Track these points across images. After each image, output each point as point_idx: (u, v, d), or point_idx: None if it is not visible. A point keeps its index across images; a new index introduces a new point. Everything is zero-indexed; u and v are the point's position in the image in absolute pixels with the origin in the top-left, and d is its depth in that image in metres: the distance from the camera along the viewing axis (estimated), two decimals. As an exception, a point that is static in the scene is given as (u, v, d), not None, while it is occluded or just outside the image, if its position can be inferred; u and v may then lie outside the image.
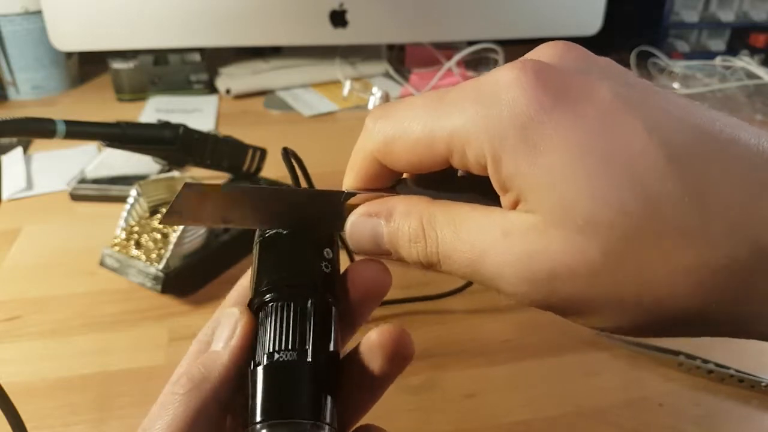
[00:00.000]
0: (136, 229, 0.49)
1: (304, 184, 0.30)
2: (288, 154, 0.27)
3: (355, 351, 0.23)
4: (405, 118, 0.19)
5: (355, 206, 0.22)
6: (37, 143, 0.72)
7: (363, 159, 0.21)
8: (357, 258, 0.23)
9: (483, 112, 0.17)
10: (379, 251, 0.21)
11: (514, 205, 0.18)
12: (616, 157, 0.16)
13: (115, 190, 0.60)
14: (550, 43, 0.20)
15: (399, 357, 0.22)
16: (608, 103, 0.16)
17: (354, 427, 0.23)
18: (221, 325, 0.22)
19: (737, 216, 0.15)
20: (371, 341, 0.22)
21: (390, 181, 0.22)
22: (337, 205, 0.22)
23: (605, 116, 0.16)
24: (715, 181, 0.15)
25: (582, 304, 0.17)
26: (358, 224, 0.21)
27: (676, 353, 0.40)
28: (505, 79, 0.17)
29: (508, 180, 0.17)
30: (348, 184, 0.22)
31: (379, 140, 0.20)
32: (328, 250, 0.23)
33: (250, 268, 0.24)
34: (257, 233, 0.24)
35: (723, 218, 0.15)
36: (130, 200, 0.49)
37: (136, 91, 0.87)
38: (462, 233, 0.18)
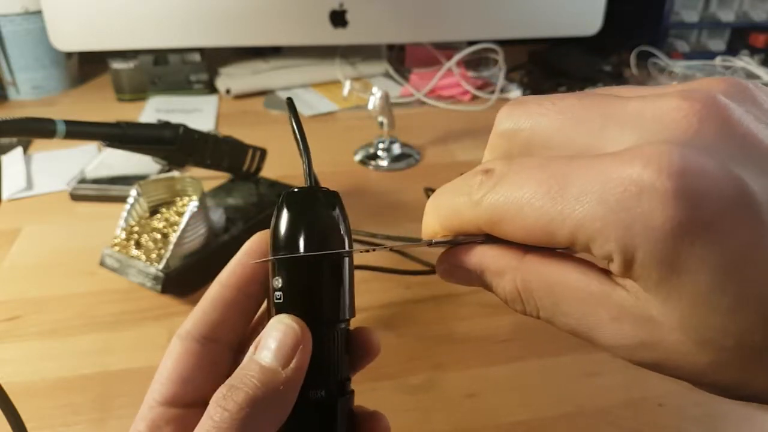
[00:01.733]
0: (136, 229, 0.49)
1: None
2: (292, 104, 0.25)
3: None
4: (520, 195, 0.17)
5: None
6: (37, 143, 0.72)
7: (460, 223, 0.19)
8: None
9: (612, 217, 0.15)
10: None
11: (624, 275, 0.16)
12: (751, 288, 0.15)
13: (115, 190, 0.60)
14: (713, 84, 0.18)
15: (367, 354, 0.24)
16: (748, 237, 0.15)
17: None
18: (273, 336, 0.20)
19: None
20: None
21: None
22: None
23: (745, 248, 0.15)
24: None
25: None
26: (448, 272, 0.21)
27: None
28: (636, 176, 0.15)
29: (635, 275, 0.16)
30: (430, 232, 0.21)
31: (487, 216, 0.18)
32: (276, 279, 0.21)
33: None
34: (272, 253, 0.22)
35: None
36: (130, 200, 0.49)
37: (136, 91, 0.87)
38: (563, 306, 0.18)
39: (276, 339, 0.20)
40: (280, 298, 0.21)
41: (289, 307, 0.21)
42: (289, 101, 0.24)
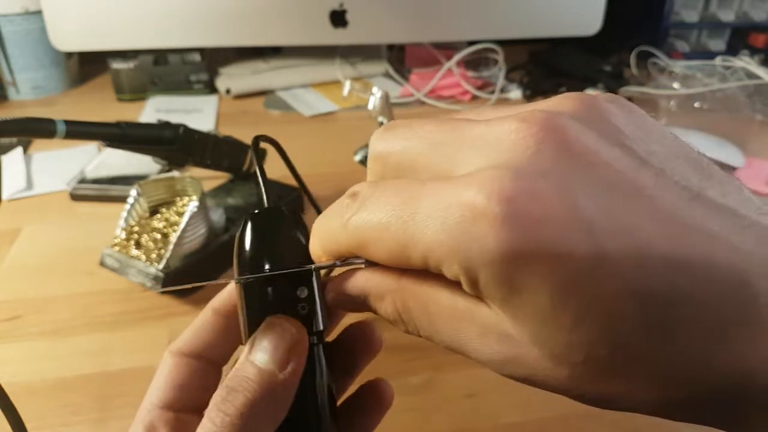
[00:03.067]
0: (136, 229, 0.49)
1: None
2: (257, 144, 0.25)
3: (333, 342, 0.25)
4: (377, 219, 0.18)
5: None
6: (37, 143, 0.72)
7: (336, 247, 0.20)
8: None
9: (452, 241, 0.16)
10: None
11: (475, 294, 0.17)
12: (592, 307, 0.15)
13: (115, 190, 0.60)
14: (561, 103, 0.18)
15: (369, 350, 0.25)
16: (579, 252, 0.15)
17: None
18: (269, 336, 0.20)
19: (700, 360, 0.15)
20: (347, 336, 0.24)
21: None
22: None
23: (578, 267, 0.15)
24: (683, 327, 0.15)
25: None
26: (335, 301, 0.21)
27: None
28: (470, 202, 0.15)
29: (482, 295, 0.17)
30: (315, 256, 0.21)
31: (354, 240, 0.19)
32: (302, 288, 0.22)
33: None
34: (236, 275, 0.23)
35: (685, 362, 0.15)
36: (130, 200, 0.49)
37: (136, 91, 0.87)
38: (437, 324, 0.18)
39: (271, 340, 0.20)
40: (304, 308, 0.22)
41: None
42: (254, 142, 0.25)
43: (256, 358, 0.20)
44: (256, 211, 0.23)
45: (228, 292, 0.24)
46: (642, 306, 0.15)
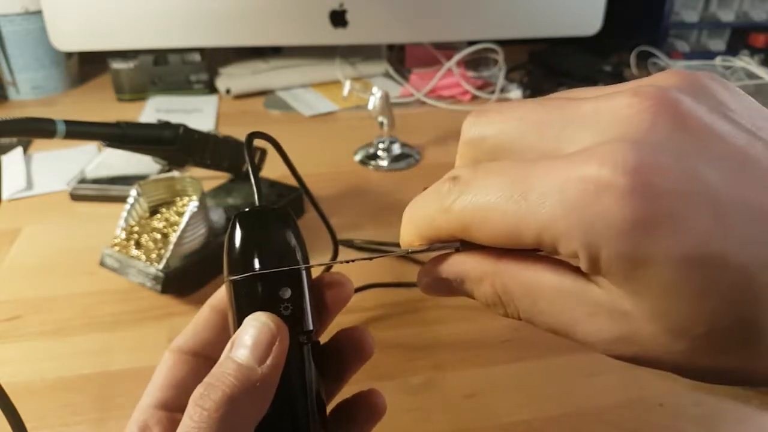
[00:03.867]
0: (136, 229, 0.49)
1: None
2: (251, 142, 0.25)
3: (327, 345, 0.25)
4: (485, 200, 0.17)
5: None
6: (37, 143, 0.72)
7: (434, 231, 0.20)
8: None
9: (573, 216, 0.16)
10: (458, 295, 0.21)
11: (593, 272, 0.17)
12: (714, 276, 0.15)
13: (115, 190, 0.60)
14: (666, 78, 0.18)
15: (360, 356, 0.24)
16: (705, 225, 0.15)
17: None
18: (249, 333, 0.21)
19: None
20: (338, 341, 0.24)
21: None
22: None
23: (705, 237, 0.15)
24: None
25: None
26: (430, 287, 0.21)
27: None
28: (594, 175, 0.15)
29: (602, 272, 0.16)
30: (407, 242, 0.21)
31: (457, 222, 0.18)
32: (285, 289, 0.22)
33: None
34: (225, 275, 0.23)
35: None
36: (130, 200, 0.49)
37: (136, 91, 0.87)
38: (541, 305, 0.18)
39: (252, 336, 0.20)
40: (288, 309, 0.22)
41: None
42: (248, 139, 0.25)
43: (237, 354, 0.20)
44: (246, 210, 0.23)
45: (225, 290, 0.25)
46: (761, 285, 0.15)
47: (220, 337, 0.24)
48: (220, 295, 0.25)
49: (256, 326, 0.21)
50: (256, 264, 0.21)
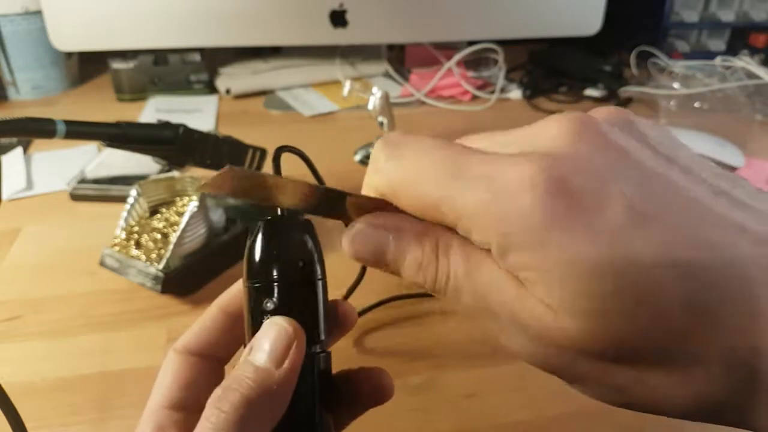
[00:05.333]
0: (136, 229, 0.49)
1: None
2: (279, 156, 0.25)
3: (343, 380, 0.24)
4: (417, 168, 0.18)
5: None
6: (37, 143, 0.72)
7: (370, 191, 0.20)
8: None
9: (493, 207, 0.17)
10: (378, 265, 0.20)
11: (500, 259, 0.18)
12: (627, 277, 0.16)
13: (115, 190, 0.60)
14: (598, 110, 0.20)
15: (376, 398, 0.24)
16: (619, 221, 0.16)
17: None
18: (267, 336, 0.21)
19: (732, 342, 0.16)
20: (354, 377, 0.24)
21: None
22: (340, 207, 0.21)
23: (614, 235, 0.16)
24: (714, 309, 0.16)
25: (575, 377, 0.18)
26: (362, 234, 0.20)
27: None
28: (518, 175, 0.17)
29: (512, 267, 0.17)
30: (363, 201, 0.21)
31: (385, 183, 0.19)
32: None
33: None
34: (244, 280, 0.23)
35: (718, 346, 0.16)
36: (130, 200, 0.49)
37: (136, 91, 0.87)
38: (475, 276, 0.18)
39: (270, 340, 0.21)
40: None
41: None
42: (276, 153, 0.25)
43: (254, 357, 0.20)
44: (270, 218, 0.23)
45: (234, 291, 0.25)
46: (677, 279, 0.16)
47: (226, 338, 0.24)
48: (228, 296, 0.25)
49: (274, 330, 0.21)
50: (275, 272, 0.22)
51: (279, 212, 0.23)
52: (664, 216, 0.16)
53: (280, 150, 0.24)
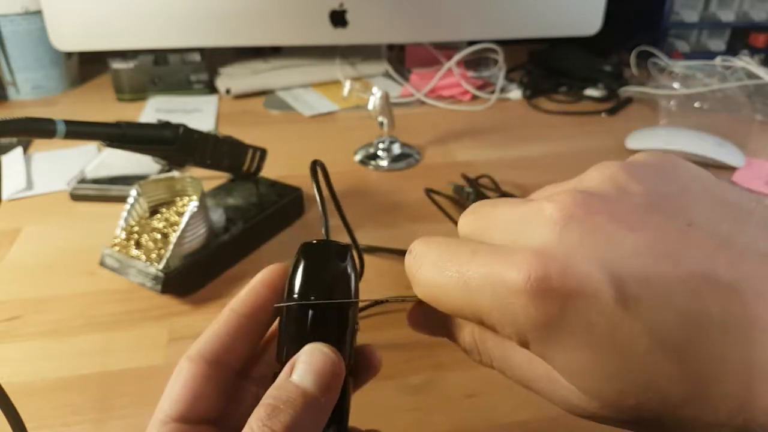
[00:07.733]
0: (136, 229, 0.49)
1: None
2: (316, 168, 0.28)
3: None
4: (435, 285, 0.21)
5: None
6: (37, 143, 0.72)
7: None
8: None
9: (501, 312, 0.19)
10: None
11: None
12: (627, 360, 0.17)
13: (115, 190, 0.60)
14: (595, 174, 0.21)
15: (368, 372, 0.26)
16: (606, 311, 0.17)
17: None
18: (314, 362, 0.22)
19: (733, 405, 0.17)
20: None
21: None
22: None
23: (609, 322, 0.17)
24: (713, 374, 0.17)
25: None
26: (420, 324, 0.25)
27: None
28: (512, 277, 0.18)
29: (536, 354, 0.19)
30: None
31: (421, 296, 0.22)
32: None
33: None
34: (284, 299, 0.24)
35: (719, 410, 0.17)
36: (130, 200, 0.49)
37: (136, 91, 0.87)
38: (511, 361, 0.21)
39: (318, 366, 0.22)
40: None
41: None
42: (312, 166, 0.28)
43: (304, 381, 0.21)
44: (313, 241, 0.24)
45: (247, 294, 0.25)
46: (668, 357, 0.17)
47: (240, 342, 0.24)
48: (242, 299, 0.25)
49: (320, 357, 0.22)
50: (314, 294, 0.23)
51: (323, 236, 0.25)
52: (657, 294, 0.17)
53: (315, 163, 0.27)
